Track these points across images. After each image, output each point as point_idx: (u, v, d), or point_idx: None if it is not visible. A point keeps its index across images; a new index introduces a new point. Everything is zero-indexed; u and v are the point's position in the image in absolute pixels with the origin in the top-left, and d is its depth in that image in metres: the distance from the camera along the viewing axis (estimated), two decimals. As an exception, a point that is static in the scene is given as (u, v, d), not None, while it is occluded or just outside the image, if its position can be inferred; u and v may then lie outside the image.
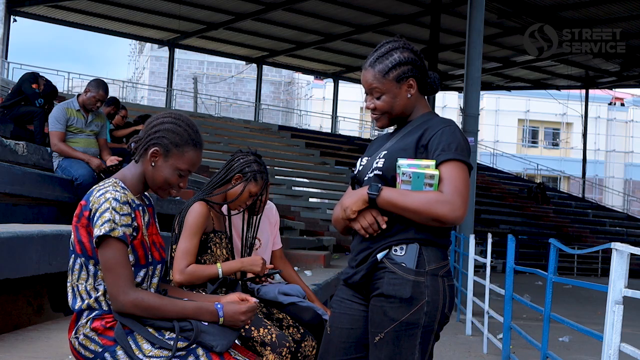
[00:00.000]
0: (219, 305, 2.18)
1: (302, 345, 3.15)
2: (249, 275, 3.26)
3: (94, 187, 2.19)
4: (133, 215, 2.14)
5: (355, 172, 2.43)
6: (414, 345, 2.22)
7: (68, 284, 2.18)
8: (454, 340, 7.66)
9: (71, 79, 25.01)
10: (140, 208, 2.21)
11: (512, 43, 22.28)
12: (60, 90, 11.83)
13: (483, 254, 9.37)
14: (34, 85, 7.59)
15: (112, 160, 5.75)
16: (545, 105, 37.01)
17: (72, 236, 2.16)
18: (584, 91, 28.59)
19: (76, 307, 2.15)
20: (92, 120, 5.98)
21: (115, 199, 2.10)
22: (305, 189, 21.36)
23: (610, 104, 37.65)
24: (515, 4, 18.76)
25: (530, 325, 7.50)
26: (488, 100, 37.74)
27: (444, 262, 2.28)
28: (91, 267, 2.14)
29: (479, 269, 11.84)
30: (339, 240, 14.59)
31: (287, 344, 2.91)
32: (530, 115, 40.00)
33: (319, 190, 21.96)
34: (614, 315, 3.21)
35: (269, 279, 3.41)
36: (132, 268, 2.13)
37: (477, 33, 11.76)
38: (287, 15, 21.43)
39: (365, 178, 2.36)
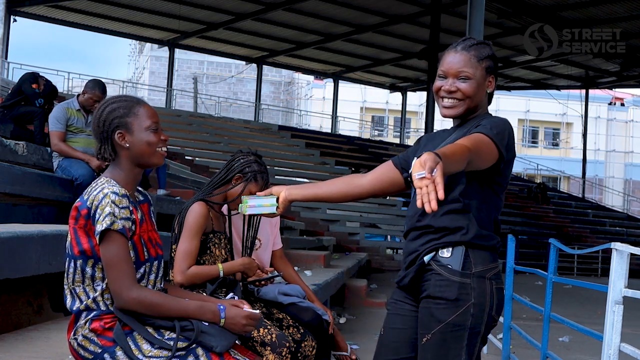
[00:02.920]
0: (221, 307, 2.19)
1: (302, 345, 3.15)
2: (250, 278, 3.26)
3: (87, 189, 2.19)
4: (131, 209, 2.14)
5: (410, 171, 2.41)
6: (460, 347, 2.20)
7: (65, 287, 2.18)
8: (454, 340, 7.64)
9: (71, 79, 25.02)
10: (135, 204, 2.21)
11: (512, 43, 22.29)
12: (60, 90, 11.82)
13: (483, 254, 9.37)
14: (34, 85, 7.58)
15: None
16: (545, 105, 37.00)
17: (69, 239, 2.16)
18: (583, 91, 28.60)
19: (74, 308, 2.15)
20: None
21: (114, 193, 2.11)
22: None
23: (610, 104, 37.63)
24: (515, 4, 18.76)
25: (530, 325, 7.49)
26: (488, 100, 37.71)
27: (492, 265, 2.26)
28: (88, 269, 2.13)
29: (479, 269, 11.82)
30: (339, 240, 14.61)
31: (287, 344, 2.91)
32: (530, 115, 39.99)
33: (319, 190, 21.93)
34: (614, 315, 3.21)
35: (269, 282, 3.42)
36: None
37: (477, 33, 11.77)
38: (287, 15, 21.44)
39: None
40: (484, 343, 2.29)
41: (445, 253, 2.23)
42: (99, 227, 2.06)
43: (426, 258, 2.24)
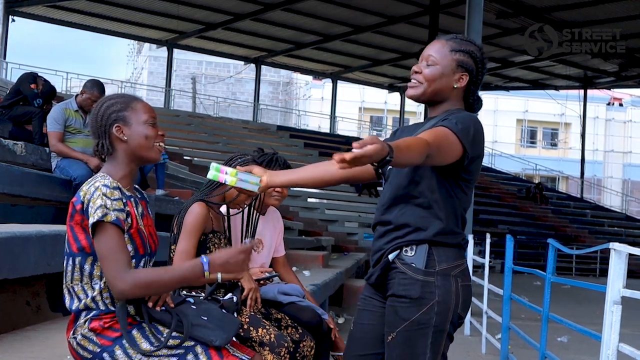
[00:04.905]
0: (204, 260, 2.11)
1: (301, 345, 3.15)
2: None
3: (82, 185, 2.20)
4: (124, 201, 2.14)
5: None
6: (425, 345, 2.23)
7: (64, 286, 2.18)
8: (452, 340, 7.64)
9: (70, 79, 24.97)
10: (132, 199, 2.21)
11: (511, 43, 22.29)
12: (58, 90, 11.80)
13: (481, 254, 9.39)
14: (32, 86, 7.57)
15: None
16: (543, 106, 37.01)
17: (67, 236, 2.16)
18: (582, 91, 28.61)
19: (73, 308, 2.15)
20: (91, 121, 5.96)
21: (105, 185, 2.11)
22: (303, 189, 21.34)
23: (608, 104, 37.68)
24: (513, 4, 18.77)
25: (528, 326, 7.49)
26: (486, 100, 37.65)
27: (456, 262, 2.28)
28: (87, 267, 2.13)
29: (478, 269, 11.83)
30: (338, 241, 14.59)
31: (286, 344, 2.91)
32: (528, 115, 40.02)
33: (317, 191, 21.94)
34: (612, 316, 3.21)
35: (267, 281, 3.42)
36: (132, 258, 2.13)
37: (476, 33, 11.77)
38: (286, 15, 21.43)
39: (388, 169, 2.33)
40: (450, 340, 2.31)
41: (409, 252, 2.26)
42: (92, 220, 2.07)
43: (391, 256, 2.28)
